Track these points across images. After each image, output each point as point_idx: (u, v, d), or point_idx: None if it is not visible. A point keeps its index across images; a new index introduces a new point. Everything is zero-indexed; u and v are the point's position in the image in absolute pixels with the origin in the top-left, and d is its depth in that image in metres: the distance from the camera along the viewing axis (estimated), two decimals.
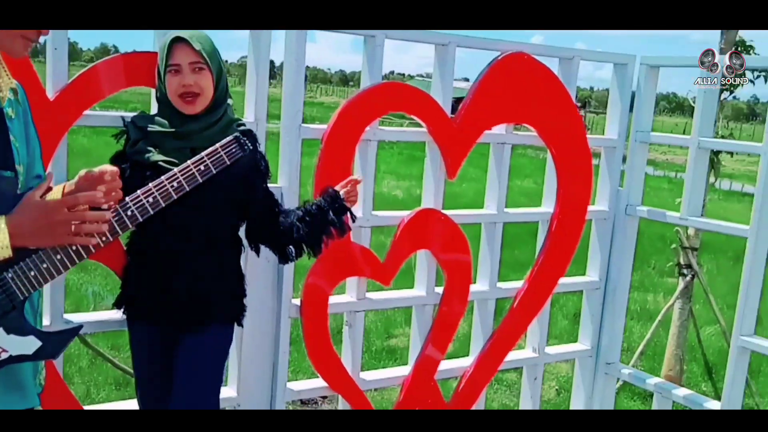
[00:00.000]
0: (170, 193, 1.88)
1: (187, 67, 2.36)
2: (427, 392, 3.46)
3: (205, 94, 2.38)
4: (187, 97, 2.37)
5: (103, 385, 4.54)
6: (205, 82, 2.37)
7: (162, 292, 2.44)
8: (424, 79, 30.16)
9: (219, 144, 1.94)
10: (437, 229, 3.35)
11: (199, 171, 1.90)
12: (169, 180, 1.88)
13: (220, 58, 2.44)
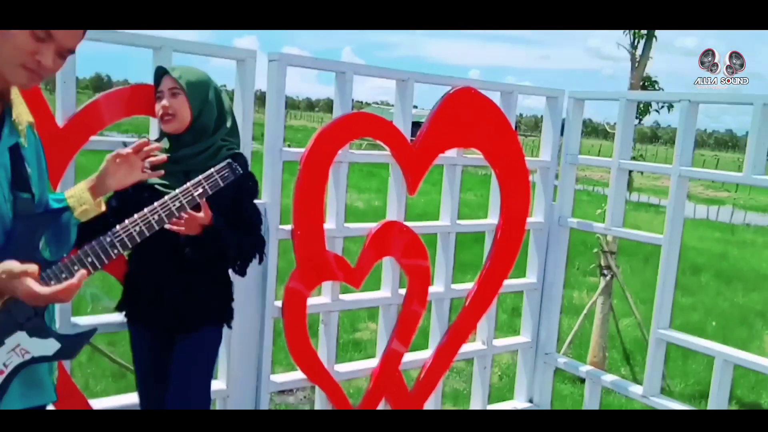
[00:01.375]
0: (173, 212, 1.85)
1: (167, 92, 2.33)
2: (393, 381, 3.41)
3: (179, 117, 2.32)
4: (165, 117, 2.33)
5: (101, 378, 4.40)
6: (180, 105, 2.32)
7: (158, 299, 2.36)
8: (379, 106, 30.24)
9: (214, 169, 1.90)
10: (400, 239, 3.31)
11: (198, 192, 1.88)
12: (172, 200, 1.85)
13: (209, 91, 2.36)
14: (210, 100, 2.36)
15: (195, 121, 2.33)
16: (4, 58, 1.55)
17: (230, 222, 2.31)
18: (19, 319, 1.64)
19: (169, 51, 2.59)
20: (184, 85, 2.30)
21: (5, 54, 1.54)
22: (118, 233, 1.77)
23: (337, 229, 3.13)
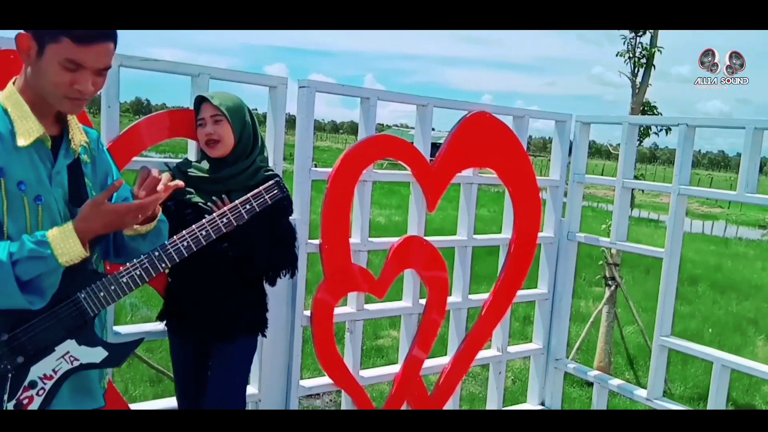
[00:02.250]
0: (220, 228, 1.78)
1: (209, 119, 2.27)
2: (414, 386, 3.30)
3: (225, 142, 2.26)
4: (210, 143, 2.27)
5: (139, 383, 4.32)
6: (224, 131, 2.26)
7: (197, 310, 2.29)
8: (399, 128, 29.95)
9: (262, 187, 1.81)
10: (420, 252, 3.22)
11: (246, 210, 1.80)
12: (220, 216, 1.78)
13: (245, 114, 2.31)
14: (247, 122, 2.30)
15: (237, 144, 2.28)
16: (48, 93, 1.54)
17: (265, 235, 2.23)
18: (70, 327, 1.61)
19: (206, 78, 2.54)
20: (225, 112, 2.24)
21: (47, 90, 1.53)
22: (166, 247, 1.71)
23: (361, 243, 3.04)
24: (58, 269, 1.52)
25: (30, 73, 1.54)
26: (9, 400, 1.55)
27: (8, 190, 1.49)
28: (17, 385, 1.54)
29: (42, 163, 1.57)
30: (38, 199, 1.54)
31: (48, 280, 1.52)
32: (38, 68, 1.51)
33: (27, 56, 1.52)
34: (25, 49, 1.51)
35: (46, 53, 1.50)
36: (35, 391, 1.58)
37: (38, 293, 1.51)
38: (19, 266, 1.47)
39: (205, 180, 2.27)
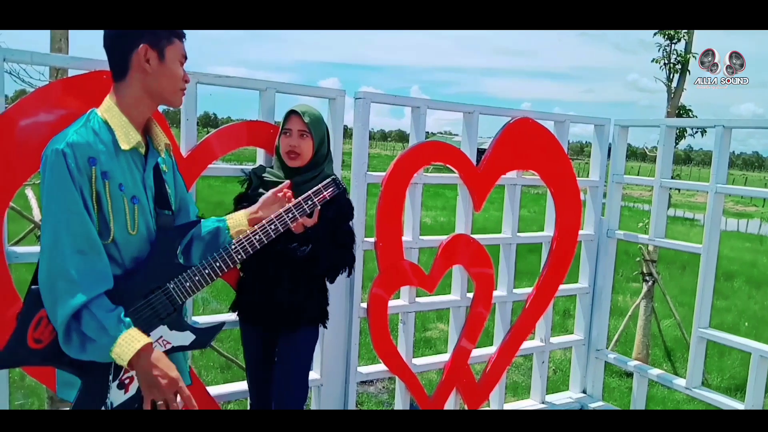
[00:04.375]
0: (287, 223, 1.86)
1: (296, 132, 2.30)
2: (463, 374, 3.29)
3: (304, 155, 2.31)
4: (291, 155, 2.31)
5: (211, 369, 4.42)
6: (306, 146, 2.30)
7: (265, 302, 2.33)
8: (444, 135, 29.42)
9: (321, 185, 1.91)
10: (467, 249, 3.21)
11: (308, 205, 1.89)
12: (287, 212, 1.86)
13: (324, 130, 2.34)
14: (325, 134, 2.34)
15: (313, 156, 2.31)
16: (168, 91, 1.67)
17: (328, 239, 2.26)
18: (162, 314, 1.67)
19: (272, 92, 2.59)
20: (311, 129, 2.28)
21: (169, 87, 1.67)
22: (241, 241, 1.79)
23: (413, 241, 3.05)
24: (104, 348, 1.52)
25: (147, 79, 1.62)
26: (113, 381, 1.61)
27: (112, 191, 1.57)
28: (120, 366, 1.59)
29: (136, 167, 1.65)
30: (134, 199, 1.62)
31: (91, 348, 1.52)
32: (161, 70, 1.63)
33: (148, 64, 1.62)
34: (147, 59, 1.61)
35: (167, 55, 1.64)
36: (135, 372, 1.62)
37: (76, 346, 1.52)
38: (88, 314, 1.50)
39: (278, 184, 2.28)
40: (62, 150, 1.49)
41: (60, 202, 1.49)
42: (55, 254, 1.50)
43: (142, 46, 1.60)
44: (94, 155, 1.53)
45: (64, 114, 2.05)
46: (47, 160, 1.50)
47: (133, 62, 1.61)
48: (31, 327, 1.56)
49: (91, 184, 1.52)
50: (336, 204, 2.23)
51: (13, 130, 2.03)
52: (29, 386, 3.81)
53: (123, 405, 1.64)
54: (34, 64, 2.27)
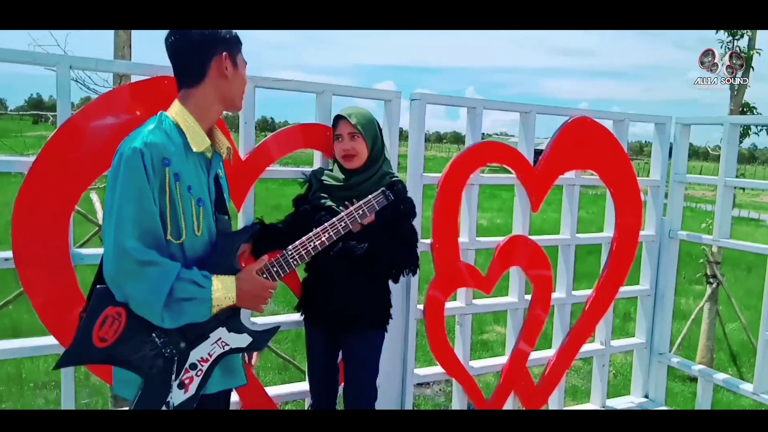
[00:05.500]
0: (340, 231, 1.86)
1: (346, 136, 2.23)
2: (521, 377, 3.12)
3: (360, 155, 2.23)
4: (347, 158, 2.24)
5: (269, 370, 4.39)
6: (360, 146, 2.22)
7: (326, 302, 2.25)
8: (499, 136, 28.68)
9: (372, 195, 1.92)
10: (525, 251, 3.04)
11: (359, 214, 1.89)
12: (339, 221, 1.86)
13: (376, 127, 2.26)
14: (377, 135, 2.26)
15: (369, 156, 2.23)
16: (238, 95, 1.69)
17: (389, 237, 2.15)
18: (221, 316, 1.64)
19: (329, 95, 2.51)
20: (361, 130, 2.21)
21: (239, 92, 1.68)
22: (297, 248, 1.79)
23: (469, 242, 2.91)
24: (204, 302, 1.54)
25: (224, 85, 1.63)
26: (175, 380, 1.58)
27: (182, 193, 1.54)
28: (180, 366, 1.59)
29: (202, 170, 1.63)
30: (200, 201, 1.59)
31: (190, 308, 1.53)
32: (236, 77, 1.65)
33: (227, 72, 1.62)
34: (225, 66, 1.61)
35: (238, 62, 1.66)
36: (195, 372, 1.61)
37: (175, 315, 1.52)
38: (179, 283, 1.50)
39: (337, 187, 2.24)
40: (140, 149, 1.47)
41: (132, 199, 1.46)
42: (120, 252, 1.46)
43: (224, 53, 1.60)
44: (168, 156, 1.51)
45: (128, 119, 2.03)
46: (123, 157, 1.48)
47: (212, 69, 1.60)
48: (96, 326, 1.53)
49: (165, 184, 1.50)
50: (395, 200, 2.12)
51: (79, 135, 2.02)
52: (94, 385, 3.87)
53: (182, 405, 1.60)
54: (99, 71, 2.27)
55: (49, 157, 1.99)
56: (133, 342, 1.54)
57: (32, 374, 4.14)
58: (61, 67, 2.01)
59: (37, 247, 2.02)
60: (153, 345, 1.56)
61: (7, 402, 3.79)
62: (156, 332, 1.56)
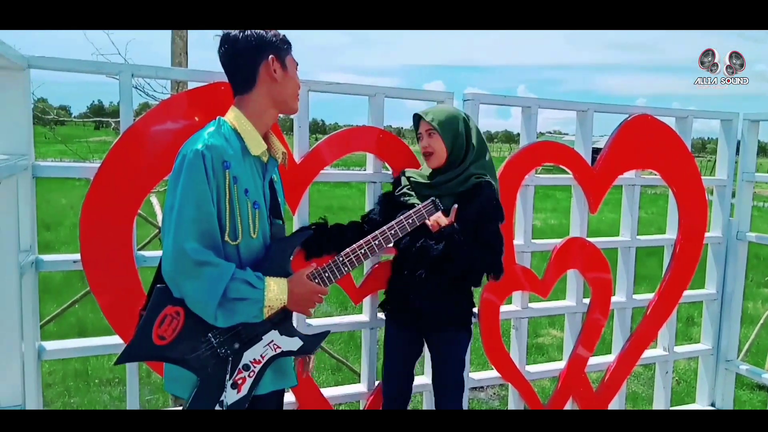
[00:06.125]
0: (389, 238, 1.87)
1: (424, 134, 2.24)
2: (579, 382, 3.03)
3: (438, 153, 2.21)
4: (426, 155, 2.24)
5: (322, 371, 4.41)
6: (437, 144, 2.21)
7: (405, 301, 2.25)
8: (552, 135, 27.86)
9: (422, 205, 1.91)
10: (583, 253, 2.95)
11: (408, 222, 1.89)
12: (389, 228, 1.88)
13: (457, 126, 2.21)
14: (460, 133, 2.21)
15: (450, 154, 2.21)
16: (290, 97, 1.70)
17: (467, 238, 2.10)
18: (274, 319, 1.65)
19: (381, 97, 2.50)
20: (436, 126, 2.19)
21: (291, 94, 1.69)
22: (348, 254, 1.79)
23: (524, 244, 2.84)
24: (257, 303, 1.56)
25: (274, 88, 1.65)
26: (228, 380, 1.61)
27: (239, 195, 1.57)
28: (234, 367, 1.61)
29: (258, 174, 1.65)
30: (256, 205, 1.61)
31: (243, 308, 1.55)
32: (286, 80, 1.66)
33: (275, 74, 1.64)
34: (274, 69, 1.63)
35: (287, 65, 1.67)
36: (247, 373, 1.63)
37: (229, 314, 1.54)
38: (234, 283, 1.52)
39: (421, 185, 2.25)
40: (201, 151, 1.50)
41: (193, 200, 1.49)
42: (179, 252, 1.49)
43: (270, 57, 1.62)
44: (228, 159, 1.54)
45: (187, 125, 2.08)
46: (185, 159, 1.51)
47: (262, 73, 1.63)
48: (156, 324, 1.57)
49: (225, 186, 1.53)
50: (478, 202, 2.12)
51: (141, 141, 2.08)
52: (155, 383, 3.99)
53: (235, 404, 1.63)
54: (159, 78, 2.33)
55: (113, 162, 2.06)
56: (190, 341, 1.57)
57: (98, 371, 4.32)
58: (124, 75, 2.08)
59: (104, 249, 2.09)
60: (209, 345, 1.59)
61: (75, 397, 3.96)
62: (212, 332, 1.59)
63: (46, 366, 4.24)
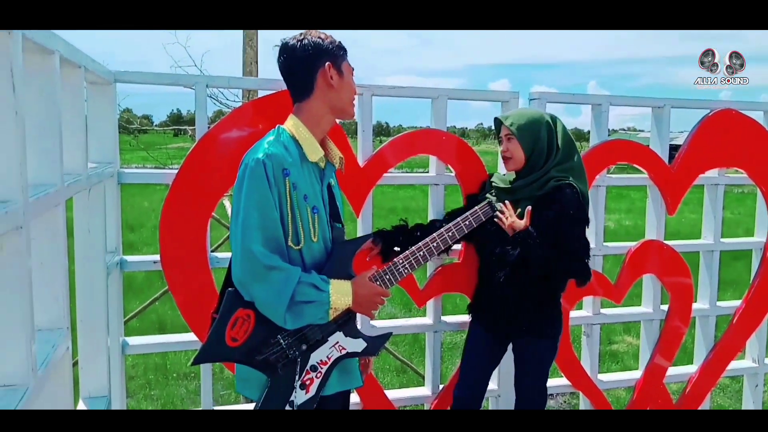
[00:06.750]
0: (447, 240, 1.94)
1: (504, 137, 2.24)
2: (657, 393, 2.92)
3: (516, 158, 2.20)
4: (504, 159, 2.25)
5: (387, 372, 4.44)
6: (515, 148, 2.20)
7: (487, 305, 2.28)
8: (626, 132, 26.71)
9: (478, 206, 2.00)
10: (660, 257, 2.84)
11: (465, 224, 1.97)
12: (447, 231, 1.97)
13: (538, 131, 2.17)
14: (540, 137, 2.18)
15: (528, 159, 2.19)
16: (347, 102, 1.74)
17: (545, 241, 2.07)
18: (339, 320, 1.71)
19: (444, 99, 2.52)
20: (515, 131, 2.18)
21: (347, 99, 1.74)
22: (408, 257, 1.86)
23: (596, 247, 2.76)
24: (323, 305, 1.62)
25: (331, 94, 1.69)
26: (297, 381, 1.68)
27: (299, 201, 1.63)
28: (302, 368, 1.67)
29: (316, 180, 1.70)
30: (315, 209, 1.67)
31: (310, 311, 1.61)
32: (342, 86, 1.71)
33: (333, 81, 1.68)
34: (330, 76, 1.68)
35: (344, 71, 1.71)
36: (315, 373, 1.69)
37: (296, 317, 1.60)
38: (300, 287, 1.58)
39: (501, 190, 2.26)
40: (262, 160, 1.57)
41: (256, 207, 1.56)
42: (247, 256, 1.56)
43: (327, 63, 1.66)
44: (287, 167, 1.60)
45: (257, 131, 2.19)
46: (247, 168, 1.59)
47: (319, 80, 1.68)
48: (228, 326, 1.64)
49: (286, 193, 1.59)
50: (558, 204, 2.08)
51: (214, 147, 2.21)
52: (227, 378, 4.17)
53: (304, 405, 1.69)
54: (231, 88, 2.46)
55: (189, 169, 2.21)
56: (260, 343, 1.65)
57: (176, 365, 4.57)
58: (199, 86, 2.22)
59: (181, 250, 2.23)
60: (279, 346, 1.65)
61: (155, 389, 4.21)
62: (281, 334, 1.65)
63: (129, 360, 4.53)
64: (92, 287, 1.89)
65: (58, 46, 1.32)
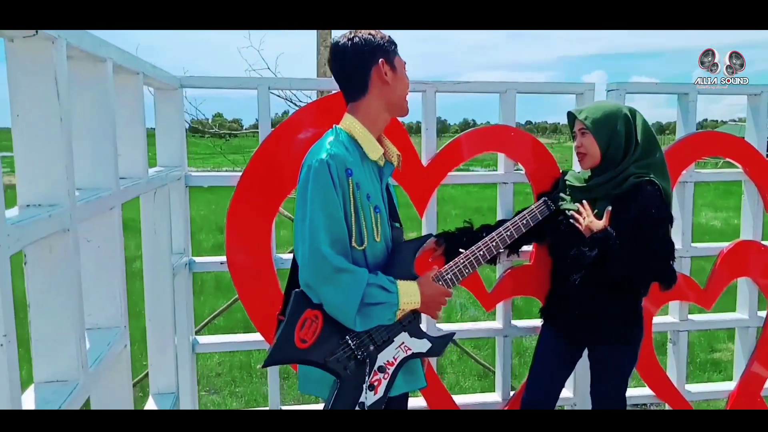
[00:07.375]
0: (505, 239, 1.94)
1: (578, 132, 2.13)
2: (754, 406, 2.67)
3: (591, 154, 2.09)
4: (579, 155, 2.14)
5: (468, 376, 4.34)
6: (590, 143, 2.08)
7: (561, 308, 2.20)
8: (736, 123, 24.82)
9: (534, 205, 2.00)
10: (758, 258, 2.61)
11: (523, 223, 1.98)
12: (505, 230, 1.96)
13: (615, 125, 2.06)
14: (618, 132, 2.06)
15: (604, 155, 2.08)
16: (401, 99, 1.72)
17: (624, 242, 1.97)
18: (404, 321, 1.71)
19: (513, 93, 2.43)
20: (589, 126, 2.07)
21: (401, 96, 1.72)
22: (468, 256, 1.85)
23: (683, 248, 2.58)
24: (392, 306, 1.62)
25: (386, 91, 1.68)
26: (365, 381, 1.68)
27: (362, 201, 1.62)
28: (370, 369, 1.68)
29: (376, 178, 1.70)
30: (377, 209, 1.66)
31: (378, 312, 1.61)
32: (396, 81, 1.69)
33: (387, 78, 1.67)
34: (384, 72, 1.66)
35: (396, 65, 1.69)
36: (383, 374, 1.69)
37: (366, 319, 1.60)
38: (369, 288, 1.58)
39: (575, 188, 2.17)
40: (326, 160, 1.57)
41: (323, 208, 1.56)
42: (317, 258, 1.56)
43: (380, 60, 1.65)
44: (350, 167, 1.60)
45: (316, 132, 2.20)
46: (311, 169, 1.59)
47: (373, 77, 1.66)
48: (297, 328, 1.65)
49: (350, 193, 1.59)
50: (638, 203, 1.97)
51: (277, 148, 2.25)
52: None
53: (373, 405, 1.69)
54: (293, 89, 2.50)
55: (253, 171, 2.26)
56: (329, 344, 1.65)
57: (259, 363, 4.72)
58: (261, 88, 2.26)
59: (246, 251, 2.29)
60: (347, 347, 1.65)
61: (240, 386, 4.37)
62: (349, 335, 1.65)
63: (216, 357, 4.73)
64: (159, 287, 1.97)
65: (111, 53, 1.37)
